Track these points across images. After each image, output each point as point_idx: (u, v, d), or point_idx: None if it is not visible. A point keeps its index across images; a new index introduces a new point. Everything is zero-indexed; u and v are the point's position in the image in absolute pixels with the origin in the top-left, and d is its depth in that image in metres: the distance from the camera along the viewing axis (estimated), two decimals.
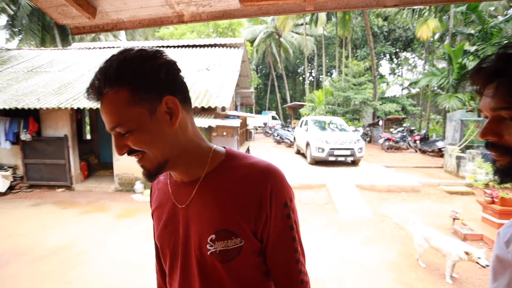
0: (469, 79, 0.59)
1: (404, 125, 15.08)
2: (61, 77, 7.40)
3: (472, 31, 10.72)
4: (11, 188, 6.30)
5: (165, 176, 0.75)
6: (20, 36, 17.04)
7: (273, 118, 24.41)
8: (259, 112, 29.09)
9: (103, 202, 5.70)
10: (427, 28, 13.26)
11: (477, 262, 2.63)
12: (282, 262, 0.68)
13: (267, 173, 0.64)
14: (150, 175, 0.62)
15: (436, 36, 16.81)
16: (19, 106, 5.78)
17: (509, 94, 0.52)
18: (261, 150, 12.08)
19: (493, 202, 3.96)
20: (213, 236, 0.63)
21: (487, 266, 2.55)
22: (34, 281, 2.96)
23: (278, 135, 15.03)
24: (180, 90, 0.62)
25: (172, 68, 0.60)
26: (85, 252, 3.58)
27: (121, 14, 1.18)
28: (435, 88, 13.16)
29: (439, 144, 10.53)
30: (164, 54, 0.60)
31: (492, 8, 14.61)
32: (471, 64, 9.70)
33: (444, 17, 13.17)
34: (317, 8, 1.11)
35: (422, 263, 3.25)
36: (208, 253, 0.63)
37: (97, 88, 0.56)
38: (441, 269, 3.13)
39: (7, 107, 5.82)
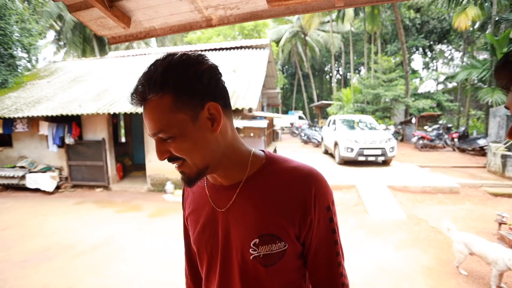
0: (494, 74, 0.54)
1: (440, 122, 14.11)
2: (99, 85, 7.95)
3: None
4: (57, 188, 6.92)
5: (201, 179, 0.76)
6: (65, 49, 18.85)
7: (300, 118, 24.12)
8: (285, 112, 28.95)
9: (137, 201, 6.00)
10: (466, 17, 12.28)
11: None
12: (324, 266, 0.67)
13: (310, 177, 0.63)
14: (190, 181, 0.62)
15: (476, 25, 15.55)
16: (64, 113, 6.31)
17: None
18: (288, 151, 11.98)
19: None
20: (257, 240, 0.62)
21: None
22: (77, 274, 3.19)
23: (305, 135, 14.81)
24: (221, 96, 0.61)
25: (214, 73, 0.60)
26: (122, 249, 3.79)
27: (153, 22, 1.25)
28: (476, 81, 12.15)
29: (481, 142, 9.70)
30: (206, 58, 0.59)
31: None
32: None
33: (486, 4, 12.13)
34: (348, 4, 1.06)
35: (463, 271, 3.01)
36: (251, 257, 0.63)
37: (141, 93, 0.56)
38: (485, 277, 2.88)
39: (54, 114, 6.38)
